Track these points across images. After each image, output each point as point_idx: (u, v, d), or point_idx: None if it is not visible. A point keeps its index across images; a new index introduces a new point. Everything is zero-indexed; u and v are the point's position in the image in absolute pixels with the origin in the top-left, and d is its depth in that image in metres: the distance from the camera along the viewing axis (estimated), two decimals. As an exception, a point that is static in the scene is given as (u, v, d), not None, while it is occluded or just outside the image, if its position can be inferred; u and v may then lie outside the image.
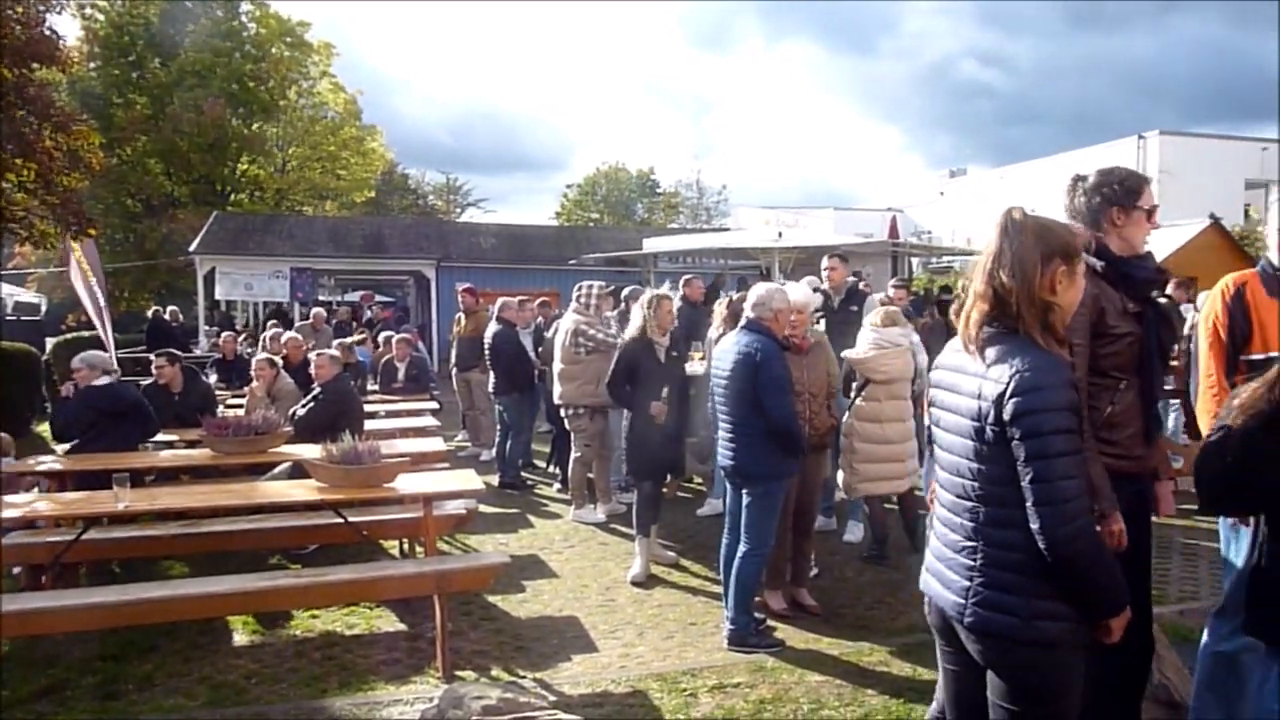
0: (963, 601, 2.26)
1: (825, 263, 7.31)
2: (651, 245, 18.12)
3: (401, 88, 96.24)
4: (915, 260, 25.14)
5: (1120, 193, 3.01)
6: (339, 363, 7.05)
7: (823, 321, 6.73)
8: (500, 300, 9.26)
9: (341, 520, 5.19)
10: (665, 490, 7.75)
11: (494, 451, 9.34)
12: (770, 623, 5.05)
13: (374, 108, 78.28)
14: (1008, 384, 2.13)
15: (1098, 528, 2.36)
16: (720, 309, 6.28)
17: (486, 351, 8.97)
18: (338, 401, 6.63)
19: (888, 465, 5.98)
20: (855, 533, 6.69)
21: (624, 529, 7.02)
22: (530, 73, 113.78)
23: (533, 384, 9.15)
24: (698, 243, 19.00)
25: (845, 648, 4.76)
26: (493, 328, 8.97)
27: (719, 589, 5.23)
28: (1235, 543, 3.14)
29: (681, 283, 9.96)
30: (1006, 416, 2.12)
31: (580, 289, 7.68)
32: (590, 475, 7.64)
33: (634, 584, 5.85)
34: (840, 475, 6.21)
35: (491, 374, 8.93)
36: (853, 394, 6.06)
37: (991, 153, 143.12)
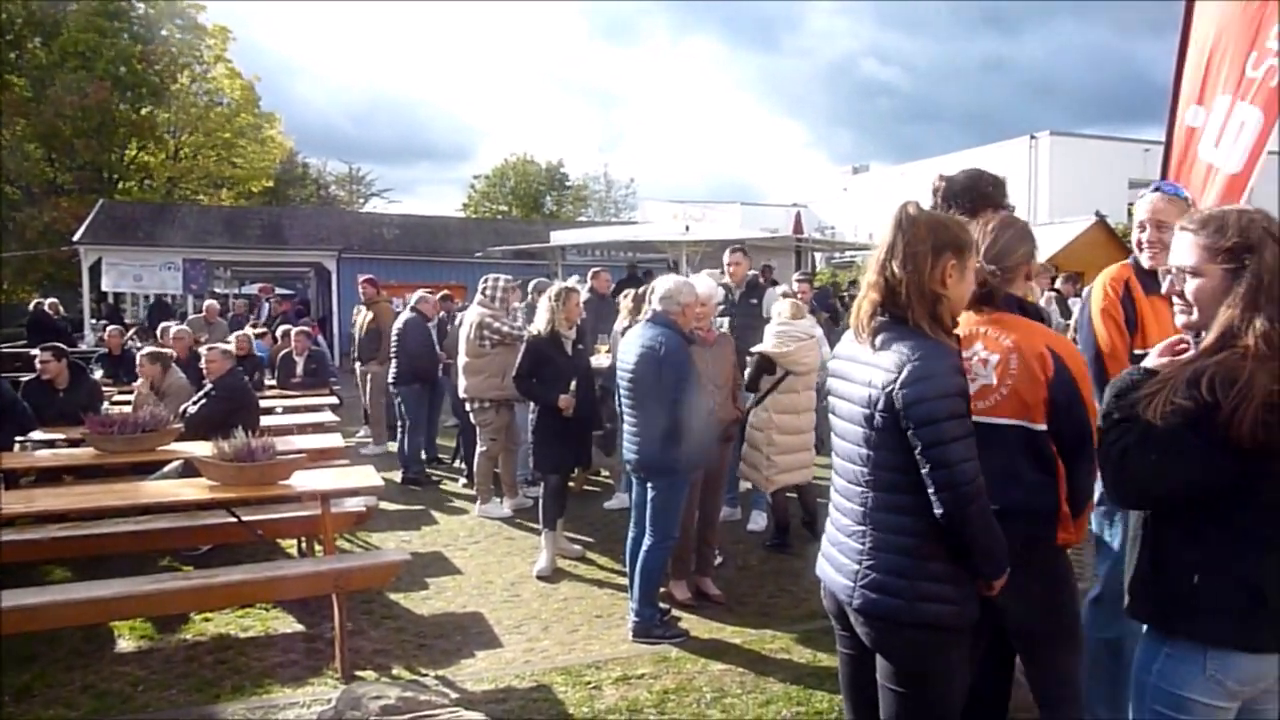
0: (852, 585, 2.32)
1: (727, 257, 7.38)
2: (559, 238, 18.04)
3: (301, 74, 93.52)
4: (819, 255, 25.69)
5: (975, 200, 3.06)
6: (231, 357, 6.80)
7: (725, 319, 6.79)
8: (418, 292, 9.12)
9: (235, 520, 5.01)
10: (573, 484, 7.73)
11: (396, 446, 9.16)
12: (675, 613, 5.08)
13: (272, 94, 76.01)
14: (898, 373, 2.18)
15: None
16: (626, 301, 6.28)
17: (394, 340, 8.77)
18: (231, 397, 6.40)
19: (801, 455, 6.08)
20: (759, 521, 6.78)
21: (531, 523, 6.96)
22: (434, 61, 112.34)
23: (436, 377, 9.01)
24: (605, 235, 19.01)
25: (748, 636, 4.83)
26: (405, 316, 8.81)
27: (625, 581, 5.24)
28: (1110, 527, 3.24)
29: (590, 275, 9.95)
30: (899, 405, 2.17)
31: (486, 282, 7.59)
32: (496, 470, 7.57)
33: (540, 578, 5.82)
34: (742, 466, 6.27)
35: (393, 365, 8.76)
36: (767, 387, 6.08)
37: (892, 150, 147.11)
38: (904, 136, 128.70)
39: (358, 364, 10.35)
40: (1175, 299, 2.08)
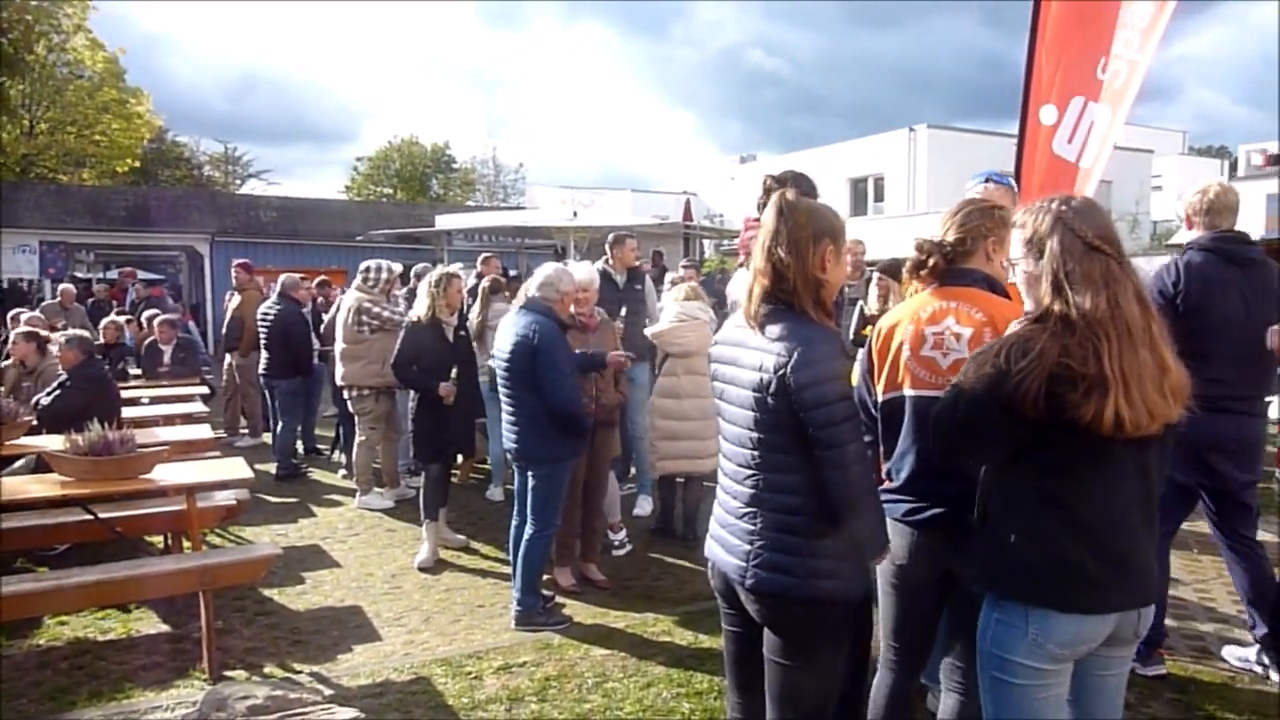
0: (744, 565, 2.36)
1: (610, 242, 7.38)
2: (444, 222, 17.70)
3: (171, 47, 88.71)
4: (708, 242, 25.97)
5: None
6: (86, 345, 6.41)
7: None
8: (283, 277, 8.75)
9: (92, 517, 4.75)
10: (457, 473, 7.63)
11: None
12: (559, 600, 5.07)
13: (139, 68, 71.84)
14: (789, 357, 2.23)
15: None
16: (483, 285, 6.22)
17: (263, 330, 8.44)
18: (87, 388, 6.04)
19: (688, 444, 5.91)
20: (645, 506, 6.83)
21: (413, 514, 6.82)
22: (314, 38, 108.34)
23: (311, 368, 8.72)
24: (492, 220, 18.73)
25: (631, 619, 4.86)
26: (273, 304, 8.46)
27: (509, 570, 5.19)
28: None
29: (480, 261, 9.80)
30: (791, 388, 2.22)
31: (367, 266, 7.38)
32: (377, 460, 7.39)
33: (421, 569, 5.72)
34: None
35: (264, 355, 8.43)
36: (656, 370, 6.09)
37: (779, 140, 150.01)
38: (790, 127, 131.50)
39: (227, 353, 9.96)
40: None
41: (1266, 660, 3.99)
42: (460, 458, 7.47)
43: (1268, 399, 3.97)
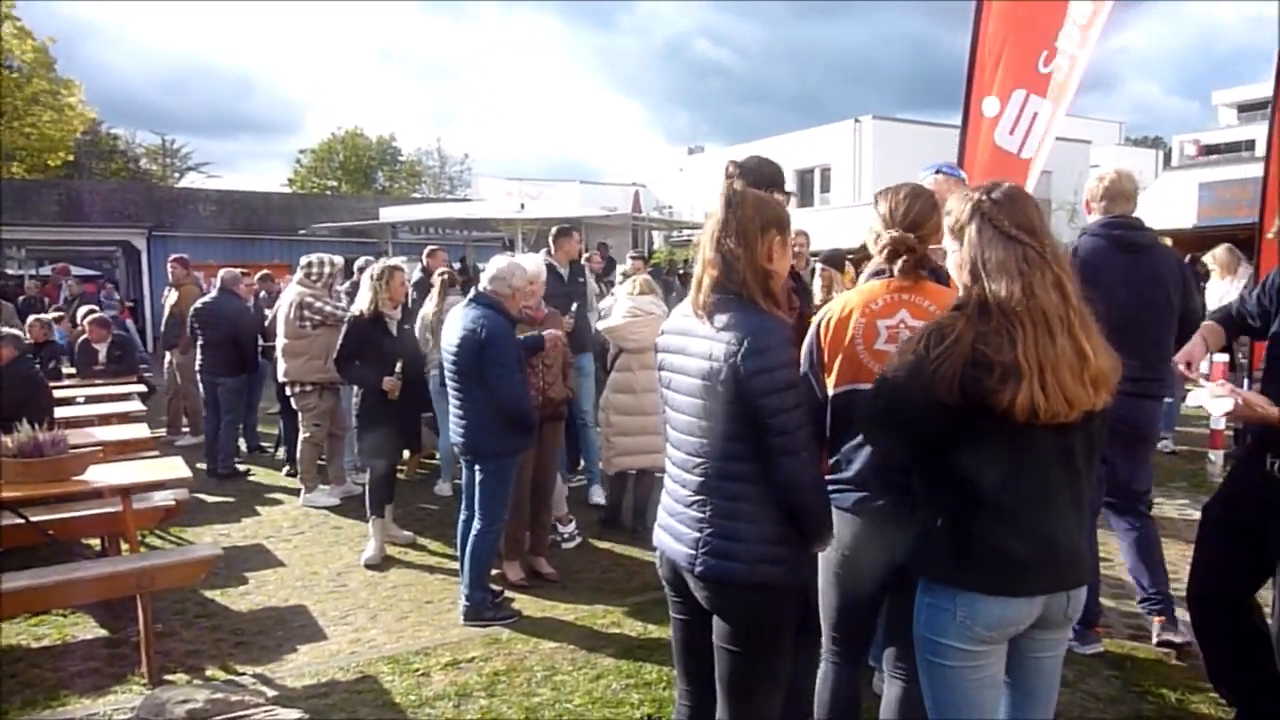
0: (693, 552, 2.37)
1: (554, 235, 7.35)
2: (389, 215, 17.48)
3: (104, 37, 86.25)
4: (657, 234, 26.02)
5: (754, 184, 3.15)
6: (17, 343, 6.22)
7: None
8: (223, 272, 8.55)
9: (22, 520, 4.60)
10: (404, 469, 7.55)
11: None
12: (508, 594, 5.04)
13: (71, 59, 69.48)
14: (739, 345, 2.23)
15: None
16: (440, 278, 6.16)
17: (202, 326, 8.22)
18: (16, 388, 5.85)
19: (645, 438, 5.85)
20: (598, 496, 6.81)
21: (359, 511, 6.73)
22: (253, 28, 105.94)
23: (257, 364, 8.55)
24: (438, 213, 18.54)
25: (581, 612, 4.85)
26: (213, 299, 8.26)
27: (457, 566, 5.14)
28: None
29: (425, 254, 9.68)
30: (741, 375, 2.23)
31: (307, 261, 7.24)
32: (322, 457, 7.28)
33: (368, 567, 5.65)
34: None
35: (200, 352, 8.24)
36: (609, 366, 6.06)
37: (727, 131, 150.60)
38: (738, 117, 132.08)
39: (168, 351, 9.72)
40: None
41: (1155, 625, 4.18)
42: (407, 453, 7.41)
43: (1160, 383, 4.01)
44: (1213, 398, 2.82)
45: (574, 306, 6.47)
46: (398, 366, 5.78)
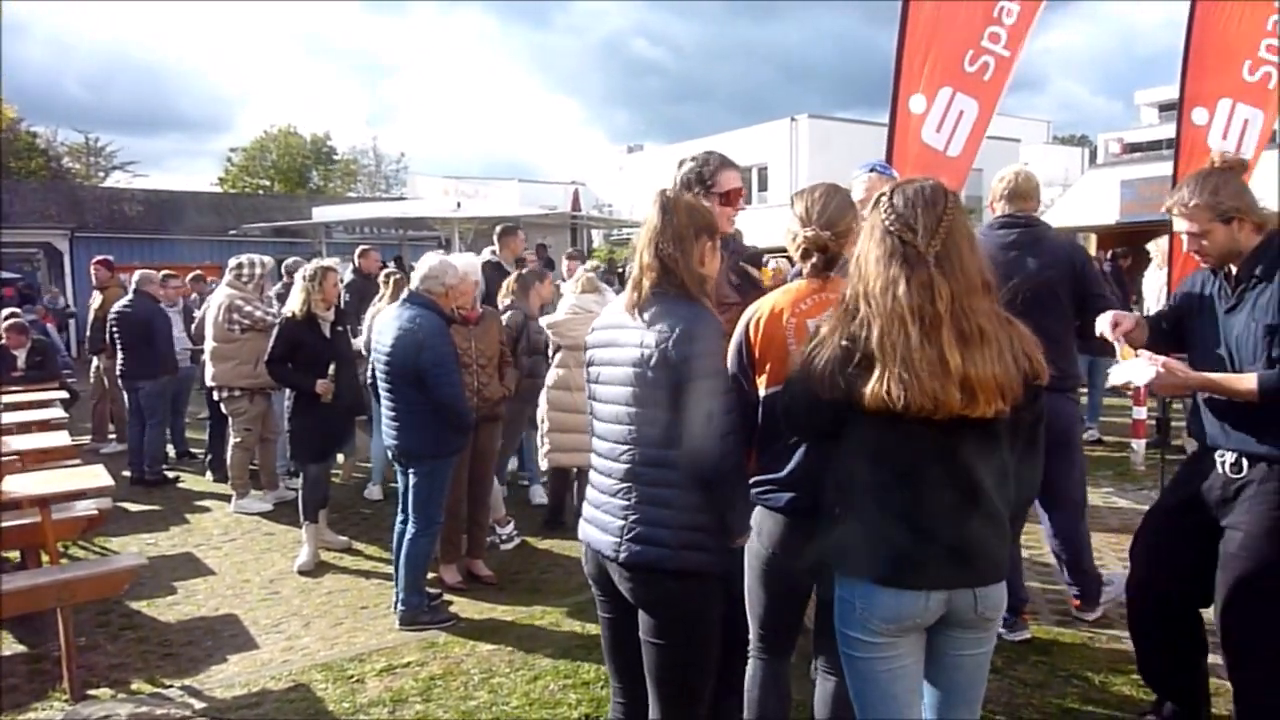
0: (618, 540, 2.40)
1: (499, 233, 7.31)
2: (322, 214, 17.18)
3: (21, 32, 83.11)
4: (596, 232, 25.98)
5: (694, 179, 3.16)
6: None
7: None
8: (137, 273, 8.29)
9: (-67, 534, 4.42)
10: (339, 473, 7.43)
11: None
12: (445, 597, 4.99)
13: (-14, 54, 66.98)
14: (671, 332, 2.30)
15: None
16: (384, 281, 6.07)
17: (117, 330, 7.97)
18: (-72, 396, 5.63)
19: (582, 436, 5.81)
20: (543, 496, 6.76)
21: (292, 516, 6.62)
22: (180, 22, 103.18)
23: (177, 367, 8.33)
24: (372, 212, 18.29)
25: (519, 613, 4.82)
26: (128, 302, 8.01)
27: (392, 570, 5.06)
28: None
29: (356, 254, 9.55)
30: (671, 361, 2.28)
31: (237, 262, 7.08)
32: (254, 462, 7.13)
33: (302, 573, 5.55)
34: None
35: (119, 356, 7.98)
36: (550, 362, 6.00)
37: (666, 129, 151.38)
38: (676, 116, 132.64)
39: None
40: None
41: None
42: (341, 457, 7.28)
43: (1064, 376, 4.09)
44: (1135, 368, 2.89)
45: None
46: (331, 369, 5.68)
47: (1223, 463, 2.98)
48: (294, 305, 5.85)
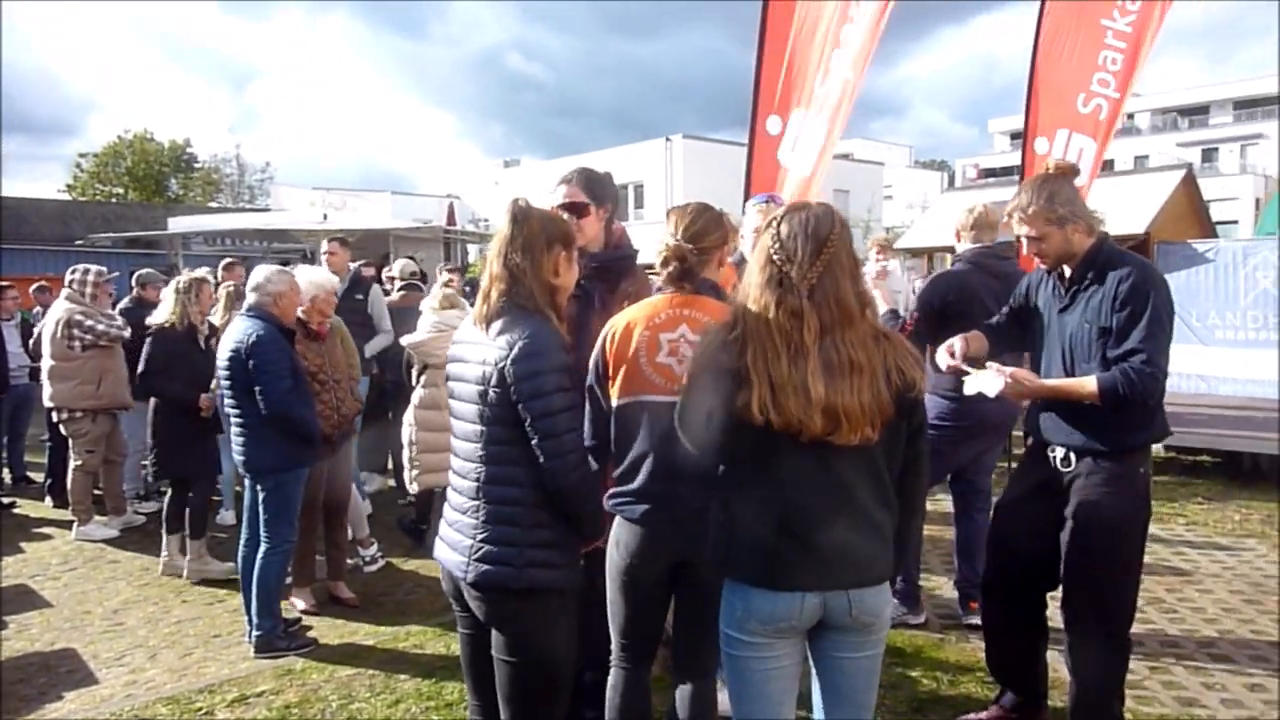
0: (466, 560, 2.39)
1: (324, 247, 7.15)
2: (179, 225, 16.41)
3: None
4: (472, 247, 25.68)
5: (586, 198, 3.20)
6: None
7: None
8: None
9: None
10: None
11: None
12: (305, 621, 4.83)
13: None
14: (509, 350, 2.29)
15: None
16: (222, 291, 5.88)
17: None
18: None
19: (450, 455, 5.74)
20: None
21: (141, 542, 6.29)
22: (24, 18, 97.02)
23: (8, 385, 7.78)
24: (233, 223, 17.57)
25: (382, 635, 4.70)
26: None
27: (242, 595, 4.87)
28: None
29: (221, 267, 9.15)
30: (510, 380, 2.28)
31: (75, 272, 6.68)
32: (98, 487, 6.72)
33: (166, 574, 5.28)
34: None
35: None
36: (415, 381, 5.87)
37: (543, 144, 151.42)
38: (553, 131, 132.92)
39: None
40: None
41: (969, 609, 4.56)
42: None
43: None
44: (985, 380, 3.08)
45: None
46: (213, 383, 5.42)
47: (1054, 457, 3.20)
48: (165, 315, 5.64)
